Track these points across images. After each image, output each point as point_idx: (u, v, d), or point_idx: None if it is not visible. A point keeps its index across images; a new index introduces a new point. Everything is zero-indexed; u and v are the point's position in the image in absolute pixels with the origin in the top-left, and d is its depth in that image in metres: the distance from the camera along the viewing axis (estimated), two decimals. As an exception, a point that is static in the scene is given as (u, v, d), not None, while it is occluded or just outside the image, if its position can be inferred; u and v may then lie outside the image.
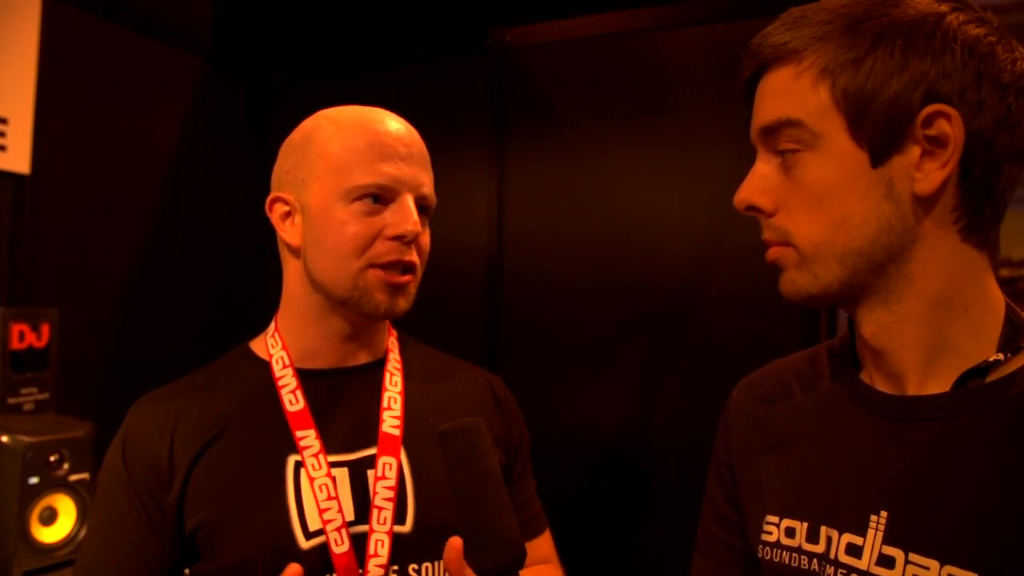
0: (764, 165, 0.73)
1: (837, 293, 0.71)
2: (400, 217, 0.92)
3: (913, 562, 0.66)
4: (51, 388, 1.70)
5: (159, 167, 2.24)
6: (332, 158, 0.93)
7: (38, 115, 1.86)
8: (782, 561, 0.76)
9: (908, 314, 0.69)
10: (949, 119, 0.65)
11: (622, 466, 2.07)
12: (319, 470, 0.92)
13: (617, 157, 2.09)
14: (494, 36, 2.24)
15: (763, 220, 0.74)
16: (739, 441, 0.87)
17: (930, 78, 0.65)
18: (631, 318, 2.06)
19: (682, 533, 1.98)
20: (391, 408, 0.99)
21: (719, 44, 1.97)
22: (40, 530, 1.55)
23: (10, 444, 1.51)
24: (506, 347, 2.16)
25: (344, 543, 0.90)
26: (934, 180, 0.66)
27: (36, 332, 1.66)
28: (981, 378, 0.68)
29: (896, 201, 0.67)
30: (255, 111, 2.58)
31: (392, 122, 0.97)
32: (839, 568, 0.70)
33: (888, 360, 0.72)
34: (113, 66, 2.09)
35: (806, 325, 1.84)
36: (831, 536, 0.72)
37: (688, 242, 2.01)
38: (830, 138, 0.68)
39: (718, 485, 0.89)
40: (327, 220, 0.93)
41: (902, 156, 0.66)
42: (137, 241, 2.17)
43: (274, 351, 1.00)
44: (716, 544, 0.88)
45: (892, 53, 0.65)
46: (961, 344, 0.69)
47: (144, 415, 0.96)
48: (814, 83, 0.68)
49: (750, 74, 0.74)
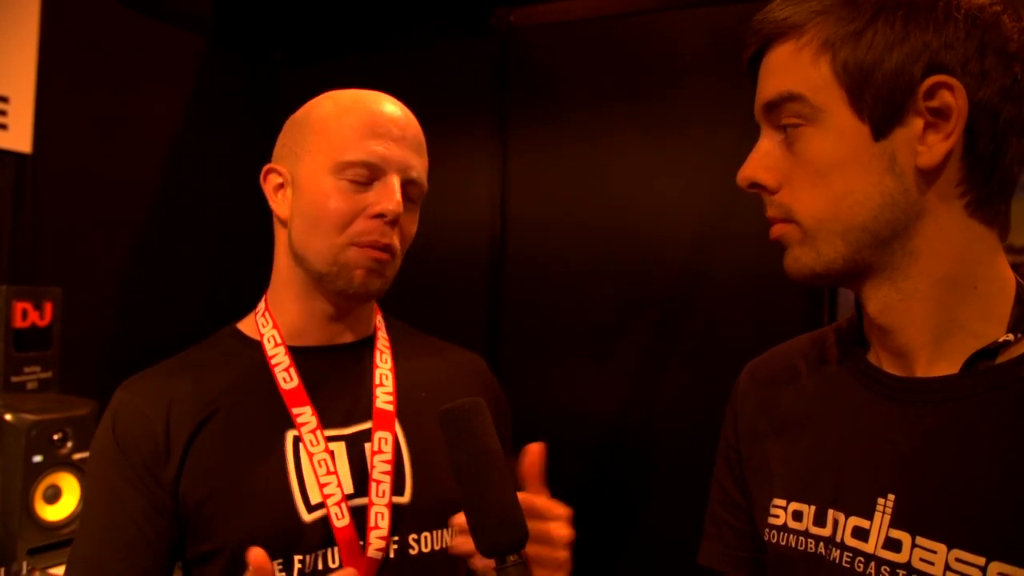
0: (767, 141, 0.72)
1: (841, 270, 0.70)
2: (383, 195, 0.93)
3: (920, 545, 0.65)
4: (54, 367, 1.70)
5: (160, 146, 2.24)
6: (325, 133, 0.95)
7: (40, 94, 1.85)
8: (789, 544, 0.75)
9: (915, 292, 0.68)
10: (952, 90, 0.64)
11: (622, 451, 2.07)
12: (317, 445, 0.94)
13: (620, 139, 2.08)
14: (497, 17, 2.22)
15: (766, 197, 0.73)
16: (746, 424, 0.86)
17: (932, 49, 0.64)
18: (633, 302, 2.06)
19: (682, 518, 1.99)
20: (383, 384, 1.00)
21: (723, 25, 1.95)
22: (44, 508, 1.56)
23: (14, 422, 1.52)
24: (508, 331, 2.16)
25: (345, 517, 0.92)
26: (937, 152, 0.65)
27: (39, 311, 1.66)
28: (991, 359, 0.66)
29: (899, 175, 0.66)
30: (256, 91, 2.57)
31: (389, 105, 0.98)
32: (845, 551, 0.70)
33: (895, 338, 0.70)
34: (114, 45, 2.08)
35: (808, 310, 1.83)
36: (837, 519, 0.71)
37: (690, 226, 2.00)
38: (831, 112, 0.67)
39: (726, 469, 0.89)
40: (314, 193, 0.95)
41: (904, 129, 0.66)
42: (139, 220, 2.17)
43: (264, 330, 1.01)
44: (724, 528, 0.88)
45: (893, 24, 0.65)
46: (970, 324, 0.67)
47: (134, 395, 0.95)
48: (815, 57, 0.67)
49: (753, 51, 0.73)
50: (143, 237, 2.17)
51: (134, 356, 2.14)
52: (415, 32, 2.41)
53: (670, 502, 2.00)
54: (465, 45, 2.32)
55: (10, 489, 1.51)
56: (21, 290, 1.64)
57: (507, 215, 2.22)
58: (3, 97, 1.78)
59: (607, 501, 2.08)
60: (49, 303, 1.68)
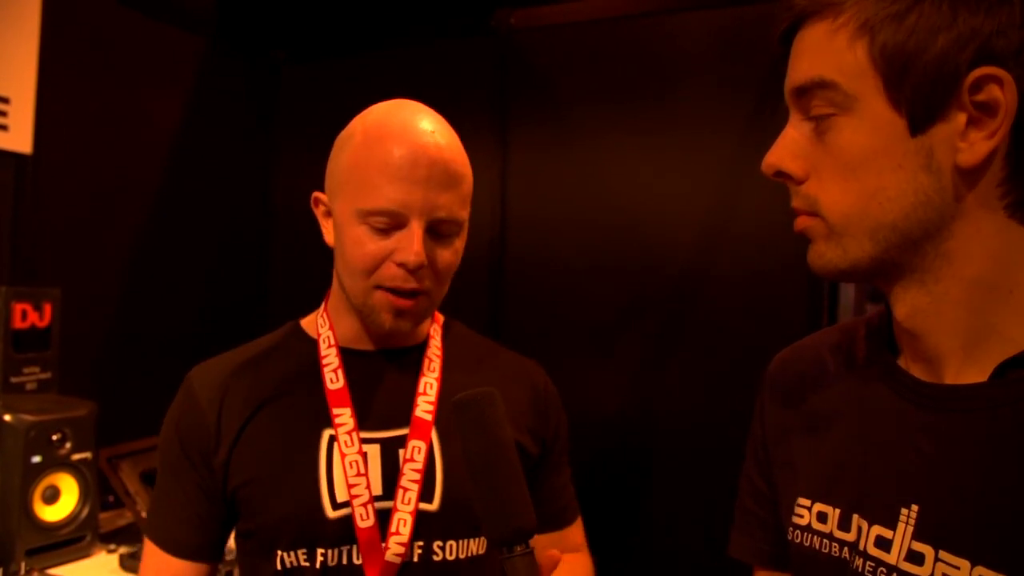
0: (795, 129, 0.67)
1: (867, 270, 0.66)
2: (404, 245, 0.92)
3: (943, 560, 0.62)
4: (53, 367, 1.70)
5: (161, 146, 2.24)
6: (352, 173, 0.95)
7: (40, 94, 1.85)
8: (812, 546, 0.73)
9: (946, 295, 0.64)
10: (1001, 84, 0.58)
11: (625, 450, 2.07)
12: (351, 447, 0.96)
13: (621, 140, 2.08)
14: (498, 18, 2.22)
15: (792, 187, 0.68)
16: (773, 418, 0.83)
17: (982, 35, 0.58)
18: (633, 302, 2.06)
19: (685, 515, 1.99)
20: (426, 393, 1.01)
21: (724, 28, 1.95)
22: (43, 509, 1.56)
23: (13, 423, 1.52)
24: (508, 331, 2.15)
25: (369, 518, 0.94)
26: (980, 151, 0.60)
27: (38, 311, 1.66)
28: (1022, 368, 0.63)
29: (936, 173, 0.61)
30: (257, 91, 2.57)
31: (420, 137, 0.93)
32: (868, 560, 0.67)
33: (923, 344, 0.67)
34: (115, 45, 2.08)
35: (808, 309, 1.83)
36: (861, 527, 0.69)
37: (690, 226, 2.00)
38: (865, 101, 0.62)
39: (754, 461, 0.86)
40: (345, 235, 0.96)
41: (945, 124, 0.60)
42: (139, 220, 2.17)
43: (322, 330, 1.04)
44: (753, 521, 0.86)
45: (940, 6, 0.59)
46: (1006, 329, 0.63)
47: (196, 385, 1.02)
48: (851, 40, 0.62)
49: (786, 27, 0.67)
50: (143, 238, 2.17)
51: (133, 357, 2.15)
52: (416, 33, 2.41)
53: (672, 500, 2.00)
54: (466, 46, 2.32)
55: (9, 489, 1.51)
56: (20, 291, 1.64)
57: (507, 215, 2.22)
58: (3, 98, 1.78)
59: (609, 500, 2.07)
60: (48, 304, 1.68)
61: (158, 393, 2.15)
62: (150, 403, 2.14)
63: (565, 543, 1.11)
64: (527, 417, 1.07)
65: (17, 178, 1.83)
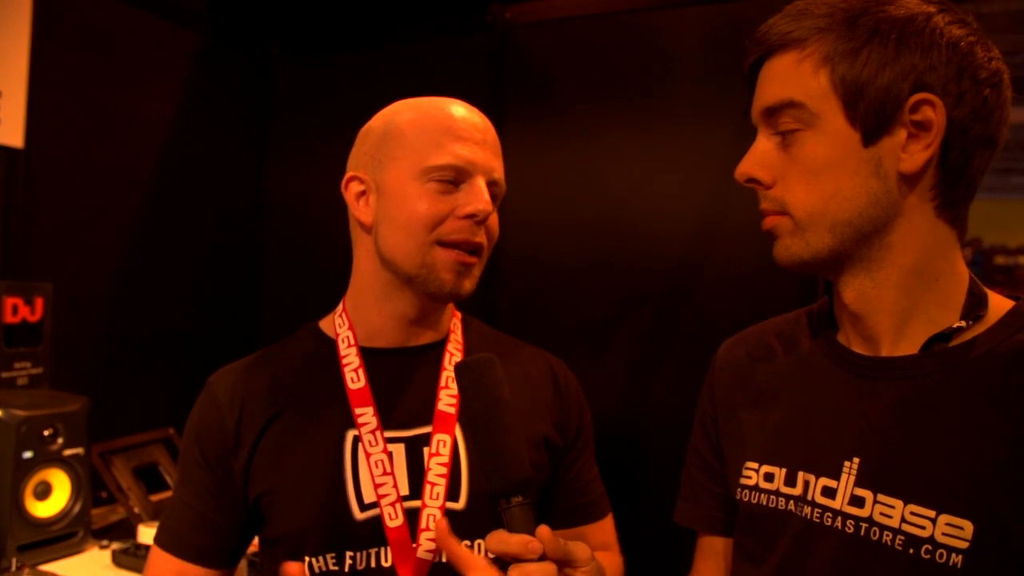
0: (764, 141, 0.80)
1: (826, 259, 0.78)
2: (473, 196, 0.96)
3: (880, 501, 0.75)
4: (45, 362, 1.69)
5: (155, 141, 2.22)
6: (410, 139, 0.97)
7: (32, 88, 1.84)
8: (759, 502, 0.84)
9: (886, 281, 0.77)
10: (934, 106, 0.73)
11: (619, 447, 2.07)
12: (375, 446, 0.96)
13: (616, 135, 2.07)
14: (494, 13, 2.22)
15: (761, 191, 0.81)
16: (723, 395, 0.95)
17: (919, 70, 0.73)
18: (628, 298, 2.06)
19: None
20: (448, 387, 1.01)
21: (719, 24, 1.95)
22: (34, 504, 1.55)
23: (4, 418, 1.51)
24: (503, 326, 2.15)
25: (398, 517, 0.93)
26: (918, 160, 0.74)
27: (30, 306, 1.65)
28: (945, 342, 0.76)
29: (883, 178, 0.75)
30: (252, 86, 2.56)
31: (468, 110, 1.01)
32: (815, 508, 0.79)
33: (865, 323, 0.80)
34: (108, 39, 2.06)
35: (801, 306, 1.83)
36: (808, 480, 0.80)
37: (686, 222, 2.00)
38: (827, 119, 0.75)
39: (703, 435, 0.97)
40: (401, 197, 0.96)
41: (891, 137, 0.74)
42: (132, 215, 2.16)
43: (340, 330, 1.03)
44: (700, 489, 0.96)
45: (886, 46, 0.73)
46: (930, 311, 0.77)
47: (217, 389, 1.01)
48: (815, 69, 0.75)
49: (754, 59, 0.81)
50: (136, 233, 2.16)
51: (126, 352, 2.15)
52: (412, 28, 2.41)
53: (665, 496, 2.00)
54: (462, 41, 2.31)
55: (0, 485, 1.51)
56: (12, 285, 1.63)
57: (502, 210, 2.21)
58: (-5, 91, 1.77)
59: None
60: (40, 298, 1.68)
61: (151, 388, 2.16)
62: (143, 398, 2.15)
63: (594, 540, 1.10)
64: (552, 410, 1.07)
65: (9, 172, 1.82)
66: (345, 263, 1.08)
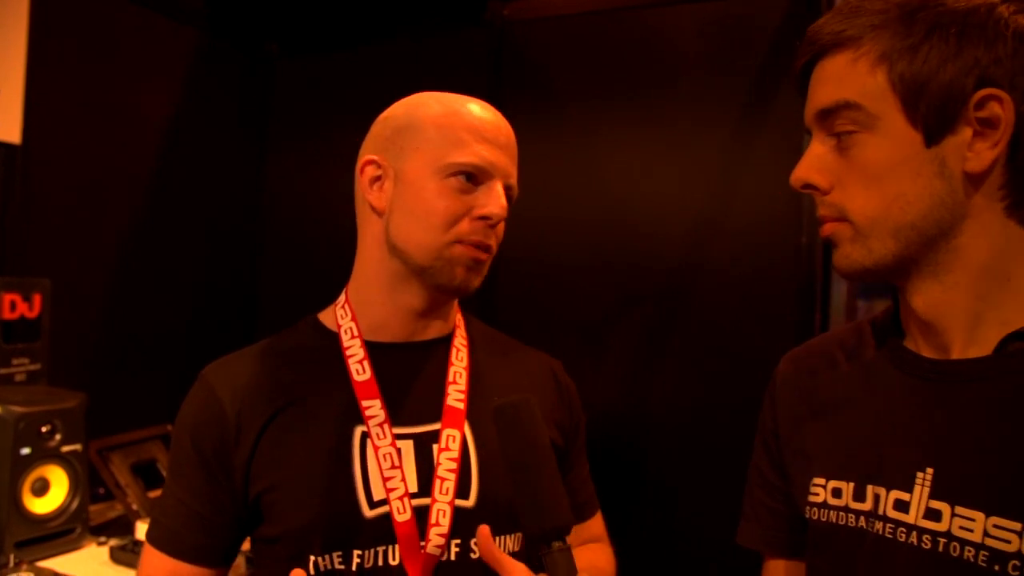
0: (819, 146, 0.77)
1: (890, 266, 0.75)
2: (490, 199, 0.96)
3: (959, 514, 0.70)
4: (43, 359, 1.69)
5: (152, 138, 2.22)
6: (435, 132, 0.96)
7: (29, 84, 1.84)
8: (829, 520, 0.80)
9: (956, 285, 0.74)
10: (1001, 102, 0.69)
11: (617, 446, 2.07)
12: (384, 439, 0.94)
13: (615, 133, 2.07)
14: (492, 10, 2.21)
15: (818, 197, 0.78)
16: (785, 411, 0.91)
17: (983, 64, 0.69)
18: (627, 297, 2.05)
19: (679, 510, 1.99)
20: (456, 382, 1.00)
21: (719, 21, 1.95)
22: (32, 501, 1.55)
23: (2, 415, 1.51)
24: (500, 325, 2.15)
25: (406, 511, 0.92)
26: (985, 159, 0.70)
27: (28, 302, 1.65)
28: (1020, 342, 0.72)
29: (948, 178, 0.71)
30: (250, 84, 2.55)
31: (493, 113, 1.02)
32: (887, 523, 0.75)
33: (935, 329, 0.76)
34: (106, 35, 2.06)
35: (801, 305, 1.83)
36: (878, 494, 0.76)
37: (685, 220, 1.99)
38: (886, 119, 0.72)
39: (764, 453, 0.93)
40: (420, 190, 0.96)
41: (954, 136, 0.71)
42: (130, 211, 2.15)
43: (343, 322, 1.01)
44: (762, 509, 0.92)
45: (947, 40, 0.69)
46: (1002, 312, 0.73)
47: (214, 381, 0.98)
48: (871, 68, 0.72)
49: (806, 60, 0.77)
50: (134, 229, 2.16)
51: (124, 349, 2.15)
52: (410, 25, 2.40)
53: (664, 496, 2.00)
54: (460, 38, 2.31)
55: (-2, 482, 1.51)
56: (10, 281, 1.63)
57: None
58: (-7, 87, 1.77)
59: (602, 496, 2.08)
60: (38, 295, 1.67)
61: (149, 385, 2.16)
62: (141, 395, 2.15)
63: (586, 534, 1.12)
64: (555, 412, 1.07)
65: (6, 168, 1.82)
66: (345, 260, 1.07)
